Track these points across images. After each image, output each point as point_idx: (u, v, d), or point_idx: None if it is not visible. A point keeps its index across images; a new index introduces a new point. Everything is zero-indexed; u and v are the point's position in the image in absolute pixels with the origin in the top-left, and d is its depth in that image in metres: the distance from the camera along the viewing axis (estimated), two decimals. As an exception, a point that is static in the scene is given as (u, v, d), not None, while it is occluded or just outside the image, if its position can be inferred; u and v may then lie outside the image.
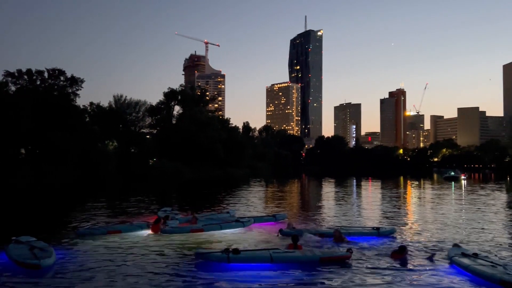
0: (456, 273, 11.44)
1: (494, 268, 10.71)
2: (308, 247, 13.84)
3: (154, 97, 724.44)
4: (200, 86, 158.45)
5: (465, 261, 11.60)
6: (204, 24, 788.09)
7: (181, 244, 15.40)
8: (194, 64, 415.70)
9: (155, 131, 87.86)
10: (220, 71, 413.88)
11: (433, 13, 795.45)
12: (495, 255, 13.84)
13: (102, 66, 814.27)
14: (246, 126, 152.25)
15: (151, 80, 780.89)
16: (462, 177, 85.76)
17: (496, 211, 28.63)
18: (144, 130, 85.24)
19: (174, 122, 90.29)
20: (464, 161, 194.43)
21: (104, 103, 78.42)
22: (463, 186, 60.25)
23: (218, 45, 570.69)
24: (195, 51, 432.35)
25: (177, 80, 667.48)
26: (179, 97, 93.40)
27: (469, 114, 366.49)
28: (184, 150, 78.05)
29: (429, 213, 26.82)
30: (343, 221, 22.27)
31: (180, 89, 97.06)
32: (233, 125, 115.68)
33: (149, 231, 17.67)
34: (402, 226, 20.65)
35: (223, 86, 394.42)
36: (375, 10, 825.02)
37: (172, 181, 62.02)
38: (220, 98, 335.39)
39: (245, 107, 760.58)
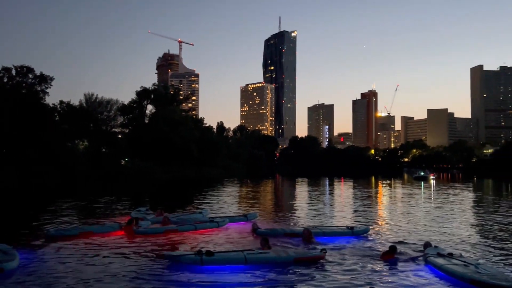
0: (430, 273, 11.57)
1: (466, 268, 10.88)
2: (282, 248, 13.78)
3: (126, 96, 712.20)
4: (173, 85, 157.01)
5: (440, 261, 11.74)
6: (178, 23, 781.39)
7: (154, 246, 15.09)
8: (167, 63, 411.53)
9: (127, 131, 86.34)
10: (194, 70, 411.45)
11: (404, 16, 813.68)
12: (471, 255, 14.11)
13: (74, 64, 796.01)
14: (220, 126, 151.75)
15: (123, 79, 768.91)
16: (431, 177, 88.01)
17: (465, 210, 29.43)
18: (116, 130, 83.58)
19: (146, 121, 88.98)
20: (433, 161, 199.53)
21: (75, 102, 76.41)
22: (432, 185, 61.72)
23: (192, 44, 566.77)
24: (169, 50, 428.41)
25: (150, 79, 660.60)
26: (152, 96, 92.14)
27: (438, 116, 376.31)
28: (157, 150, 76.96)
29: (401, 212, 27.25)
30: (317, 221, 22.38)
31: (153, 88, 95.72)
32: (207, 125, 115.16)
33: (122, 232, 17.28)
34: (375, 225, 20.90)
35: (197, 86, 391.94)
36: (347, 12, 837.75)
37: (145, 181, 61.09)
38: (194, 98, 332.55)
39: (219, 107, 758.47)
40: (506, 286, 9.46)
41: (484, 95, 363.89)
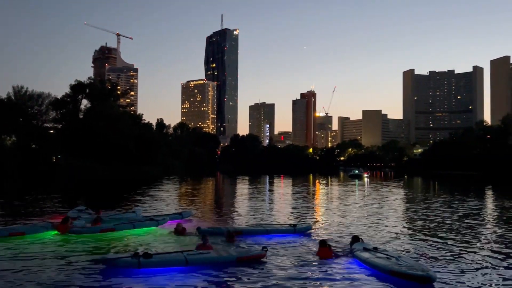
0: (356, 266, 12.01)
1: (388, 260, 11.50)
2: (223, 247, 13.62)
3: (60, 90, 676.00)
4: (110, 79, 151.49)
5: (365, 254, 12.28)
6: (116, 15, 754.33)
7: (89, 246, 14.31)
8: (104, 57, 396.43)
9: (60, 126, 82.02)
10: (133, 65, 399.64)
11: (342, 19, 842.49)
12: (398, 248, 14.83)
13: (3, 56, 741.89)
14: (160, 122, 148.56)
15: (57, 72, 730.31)
16: (365, 175, 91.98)
17: (395, 206, 30.99)
18: (47, 125, 79.26)
19: (81, 117, 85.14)
20: (368, 160, 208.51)
21: (3, 95, 71.55)
22: (366, 183, 64.44)
23: (131, 38, 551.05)
24: (106, 43, 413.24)
25: (85, 73, 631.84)
26: (87, 91, 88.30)
27: (372, 117, 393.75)
28: (92, 147, 73.76)
29: (339, 209, 28.10)
30: (259, 219, 22.44)
31: (88, 81, 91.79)
32: (146, 122, 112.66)
33: (56, 232, 16.27)
34: (316, 222, 21.34)
35: (136, 81, 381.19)
36: (289, 14, 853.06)
37: (79, 179, 58.32)
38: (132, 93, 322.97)
39: (159, 103, 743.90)
40: (421, 275, 10.17)
41: (415, 98, 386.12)
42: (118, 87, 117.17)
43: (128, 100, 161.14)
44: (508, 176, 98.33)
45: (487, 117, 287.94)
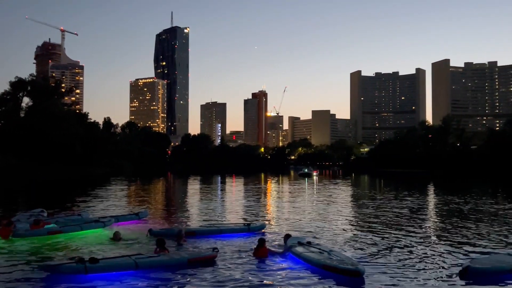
0: (292, 261, 12.32)
1: (321, 254, 11.96)
2: (174, 249, 13.41)
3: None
4: (54, 77, 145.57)
5: (299, 249, 12.63)
6: (60, 9, 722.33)
7: (34, 251, 13.56)
8: (48, 53, 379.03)
9: (-2, 125, 77.48)
10: (78, 62, 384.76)
11: (291, 19, 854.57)
12: (339, 242, 15.48)
13: None
14: (107, 121, 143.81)
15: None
16: (314, 173, 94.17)
17: (343, 203, 31.95)
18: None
19: (22, 115, 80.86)
20: (317, 159, 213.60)
21: None
22: (315, 182, 65.94)
23: (77, 34, 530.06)
24: (49, 39, 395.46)
25: (27, 70, 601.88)
26: (29, 88, 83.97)
27: (321, 116, 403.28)
28: (35, 147, 70.21)
29: (290, 207, 28.60)
30: (211, 218, 22.27)
31: (30, 79, 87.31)
32: (93, 121, 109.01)
33: None
34: (270, 221, 21.51)
35: (81, 78, 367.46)
36: (240, 13, 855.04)
37: (19, 181, 55.32)
38: (78, 91, 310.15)
39: (106, 102, 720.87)
40: (351, 269, 10.70)
41: (362, 99, 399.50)
42: (63, 85, 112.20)
43: (73, 98, 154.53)
44: (449, 173, 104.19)
45: (429, 117, 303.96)
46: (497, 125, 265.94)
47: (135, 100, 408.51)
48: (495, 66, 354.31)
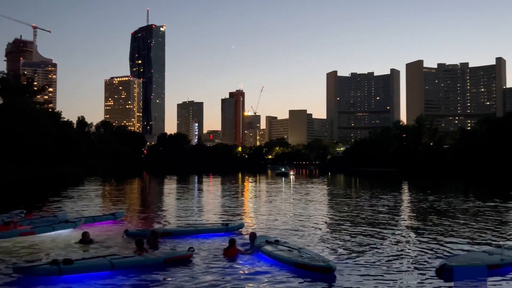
0: (262, 260, 12.38)
1: (291, 252, 12.13)
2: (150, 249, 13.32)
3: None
4: (26, 74, 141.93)
5: (269, 248, 12.73)
6: (32, 6, 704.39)
7: (5, 253, 13.22)
8: (19, 50, 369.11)
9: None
10: (51, 59, 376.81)
11: (268, 19, 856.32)
12: (312, 241, 15.59)
13: None
14: (81, 121, 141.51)
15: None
16: (291, 173, 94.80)
17: (319, 201, 32.30)
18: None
19: (-8, 114, 78.42)
20: (294, 158, 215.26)
21: None
22: (291, 181, 66.40)
23: (49, 31, 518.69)
24: (21, 36, 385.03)
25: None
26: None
27: (298, 116, 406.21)
28: (5, 146, 68.29)
29: (267, 206, 28.72)
30: (188, 218, 22.14)
31: (0, 76, 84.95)
32: (66, 120, 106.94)
33: None
34: (247, 220, 21.54)
35: (54, 76, 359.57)
36: (217, 12, 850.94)
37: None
38: (50, 89, 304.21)
39: (80, 100, 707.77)
40: (323, 266, 10.93)
41: (338, 99, 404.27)
42: (35, 83, 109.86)
43: (45, 97, 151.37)
44: (422, 171, 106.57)
45: (403, 117, 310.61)
46: (469, 125, 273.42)
47: (110, 99, 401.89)
48: (466, 67, 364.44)
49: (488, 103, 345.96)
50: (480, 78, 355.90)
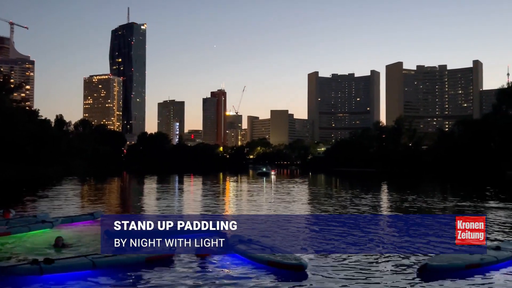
0: (236, 259, 12.61)
1: (263, 251, 12.45)
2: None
3: None
4: (2, 71, 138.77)
5: (242, 247, 13.00)
6: (9, 1, 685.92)
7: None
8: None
9: None
10: (29, 56, 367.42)
11: (250, 18, 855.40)
12: (288, 240, 15.59)
13: None
14: (60, 119, 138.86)
15: None
16: (272, 173, 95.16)
17: (298, 201, 32.61)
18: None
19: (-34, 111, 76.43)
20: (275, 158, 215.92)
21: None
22: (273, 181, 66.70)
23: (27, 28, 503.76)
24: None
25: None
26: (-26, 83, 79.62)
27: (279, 116, 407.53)
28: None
29: (249, 205, 28.91)
30: (167, 218, 22.04)
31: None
32: (44, 118, 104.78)
33: None
34: (228, 219, 21.53)
35: (32, 74, 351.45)
36: (199, 11, 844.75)
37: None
38: (28, 87, 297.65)
39: (58, 98, 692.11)
40: (295, 263, 11.29)
41: (319, 99, 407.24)
42: (11, 80, 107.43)
43: (23, 95, 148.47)
44: (401, 172, 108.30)
45: (382, 118, 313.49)
46: (446, 126, 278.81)
47: (89, 97, 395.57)
48: (445, 70, 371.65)
49: (465, 105, 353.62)
50: (458, 81, 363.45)
